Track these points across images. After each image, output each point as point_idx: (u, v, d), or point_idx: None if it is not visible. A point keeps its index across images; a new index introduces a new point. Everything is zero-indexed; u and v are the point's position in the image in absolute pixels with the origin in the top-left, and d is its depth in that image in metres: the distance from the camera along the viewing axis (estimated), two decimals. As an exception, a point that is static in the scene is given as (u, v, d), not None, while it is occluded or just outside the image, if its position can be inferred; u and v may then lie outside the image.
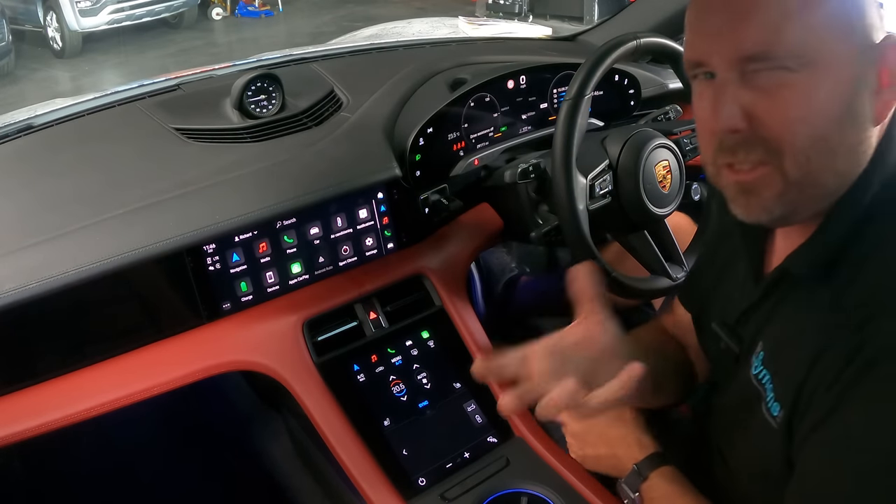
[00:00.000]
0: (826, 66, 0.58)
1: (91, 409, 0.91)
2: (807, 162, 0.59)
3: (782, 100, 0.59)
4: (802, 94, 0.58)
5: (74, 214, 0.91)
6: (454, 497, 0.92)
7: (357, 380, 1.02)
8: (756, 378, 0.68)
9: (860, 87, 0.59)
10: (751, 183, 0.62)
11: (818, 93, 0.58)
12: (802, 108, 0.58)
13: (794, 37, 0.58)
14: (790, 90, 0.58)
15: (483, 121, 1.19)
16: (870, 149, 0.61)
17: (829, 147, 0.59)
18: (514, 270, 1.59)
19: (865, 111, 0.60)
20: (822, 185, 0.61)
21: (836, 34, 0.58)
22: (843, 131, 0.59)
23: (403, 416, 1.00)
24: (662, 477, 0.79)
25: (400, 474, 0.94)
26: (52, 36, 7.86)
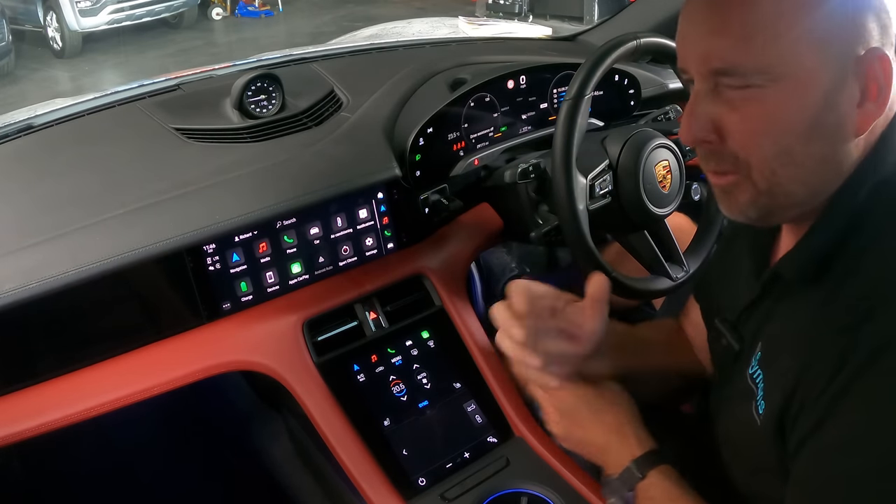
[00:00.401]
0: (794, 82, 0.59)
1: (91, 409, 0.91)
2: (772, 174, 0.62)
3: (748, 115, 0.61)
4: (768, 110, 0.60)
5: (74, 214, 0.91)
6: (454, 497, 0.92)
7: (357, 380, 1.02)
8: (751, 377, 0.68)
9: (834, 100, 0.59)
10: (727, 188, 0.65)
11: (784, 108, 0.60)
12: (766, 122, 0.60)
13: (760, 53, 0.59)
14: (756, 105, 0.60)
15: (483, 121, 1.19)
16: (848, 159, 0.61)
17: (793, 161, 0.61)
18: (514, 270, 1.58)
19: (841, 123, 0.60)
20: (791, 195, 0.63)
21: (806, 50, 0.59)
22: (810, 145, 0.60)
23: (403, 416, 1.00)
24: (662, 475, 0.76)
25: (400, 474, 0.94)
26: (52, 36, 7.86)
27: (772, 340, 0.67)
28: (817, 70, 0.59)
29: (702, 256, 1.13)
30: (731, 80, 0.61)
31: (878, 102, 0.60)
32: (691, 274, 1.11)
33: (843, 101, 0.59)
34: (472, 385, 1.05)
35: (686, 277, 1.10)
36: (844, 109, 0.60)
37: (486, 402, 1.04)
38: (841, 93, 0.59)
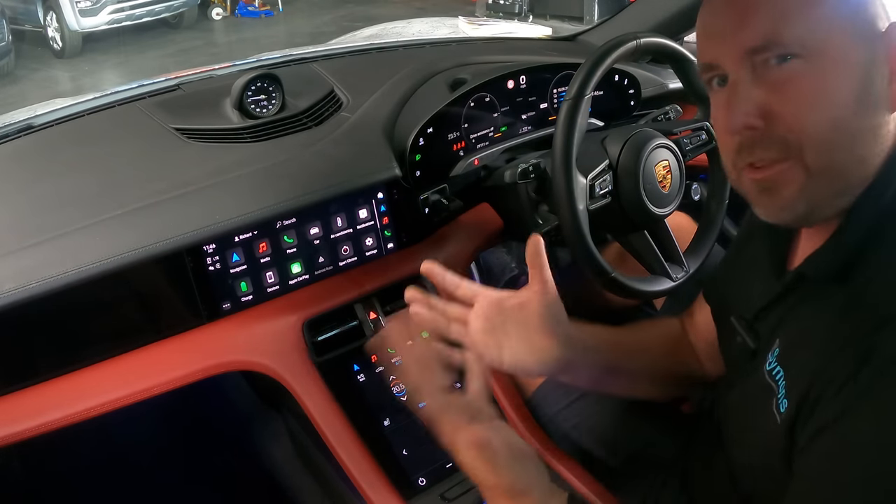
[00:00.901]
0: (833, 54, 0.59)
1: (91, 409, 0.91)
2: (828, 150, 0.60)
3: (795, 91, 0.59)
4: (813, 83, 0.59)
5: (74, 214, 0.91)
6: (454, 497, 0.92)
7: (357, 380, 1.02)
8: (770, 374, 0.68)
9: (871, 73, 0.60)
10: (771, 180, 0.62)
11: (828, 80, 0.59)
12: (815, 96, 0.59)
13: (796, 26, 0.59)
14: (801, 81, 0.59)
15: (483, 121, 1.19)
16: (889, 135, 0.61)
17: (849, 132, 0.60)
18: (514, 270, 1.58)
19: (880, 97, 0.60)
20: (846, 174, 0.61)
21: (838, 23, 0.59)
22: (860, 116, 0.60)
23: (403, 416, 1.00)
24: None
25: (400, 474, 0.94)
26: (52, 36, 7.86)
27: (792, 339, 0.67)
28: (851, 44, 0.59)
29: (702, 256, 1.13)
30: (770, 55, 0.60)
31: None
32: (691, 274, 1.11)
33: (877, 76, 0.60)
34: (472, 385, 1.05)
35: (686, 277, 1.10)
36: (880, 85, 0.60)
37: (486, 402, 1.04)
38: (875, 67, 0.60)
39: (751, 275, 0.79)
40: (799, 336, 0.66)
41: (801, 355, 0.64)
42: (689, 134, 1.12)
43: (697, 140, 1.12)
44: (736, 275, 0.85)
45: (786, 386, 0.65)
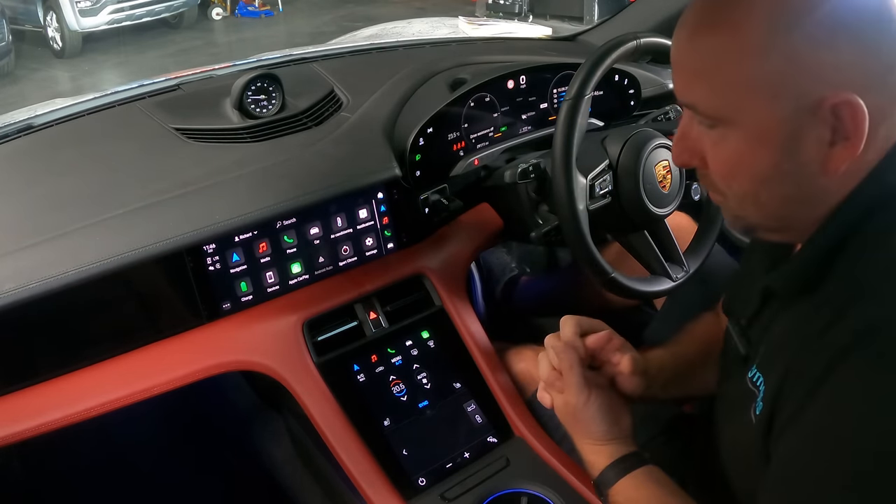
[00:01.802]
0: (751, 129, 0.60)
1: (91, 409, 0.91)
2: (741, 209, 0.66)
3: (718, 155, 0.64)
4: (731, 155, 0.62)
5: (74, 214, 0.91)
6: (454, 497, 0.92)
7: (357, 380, 1.02)
8: (751, 381, 0.69)
9: (795, 147, 0.59)
10: (718, 203, 0.69)
11: (745, 155, 0.61)
12: (732, 166, 0.63)
13: (712, 97, 0.61)
14: (723, 148, 0.63)
15: (483, 121, 1.19)
16: (823, 194, 0.61)
17: (758, 201, 0.63)
18: (514, 270, 1.59)
19: (805, 167, 0.59)
20: (762, 225, 0.66)
21: (756, 97, 0.58)
22: (773, 188, 0.62)
23: (403, 416, 1.00)
24: (643, 477, 0.80)
25: (400, 474, 0.94)
26: (52, 36, 7.86)
27: (770, 346, 0.69)
28: (771, 117, 0.58)
29: (702, 256, 1.13)
30: (698, 117, 0.63)
31: (852, 143, 0.57)
32: (691, 274, 1.11)
33: (806, 146, 0.58)
34: (472, 385, 1.05)
35: (686, 277, 1.10)
36: (809, 154, 0.59)
37: (486, 402, 1.04)
38: (802, 139, 0.58)
39: (749, 283, 0.81)
40: (775, 343, 0.68)
41: (776, 361, 0.66)
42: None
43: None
44: (741, 282, 0.86)
45: (764, 391, 0.66)
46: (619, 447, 0.83)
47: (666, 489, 0.78)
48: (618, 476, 0.80)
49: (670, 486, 0.79)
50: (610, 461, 0.81)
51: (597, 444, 0.84)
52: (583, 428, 0.85)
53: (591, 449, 0.84)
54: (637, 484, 0.79)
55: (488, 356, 1.08)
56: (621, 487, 0.80)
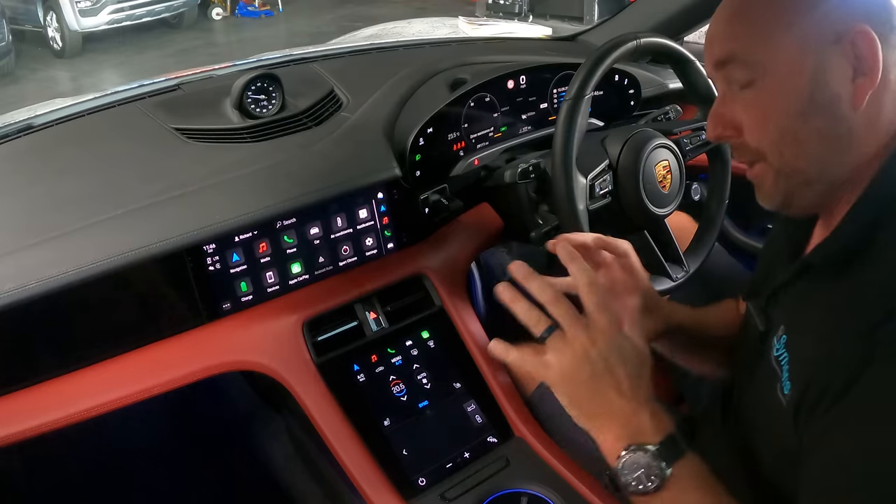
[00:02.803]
0: (782, 69, 0.65)
1: (91, 409, 0.91)
2: (780, 155, 0.68)
3: (752, 107, 0.68)
4: (766, 99, 0.67)
5: (74, 214, 0.91)
6: (454, 497, 0.92)
7: (357, 380, 1.02)
8: (776, 360, 0.69)
9: (823, 79, 0.64)
10: (755, 176, 0.72)
11: (778, 94, 0.66)
12: (767, 110, 0.67)
13: (746, 38, 0.67)
14: (758, 98, 0.67)
15: (483, 121, 1.19)
16: (852, 134, 0.65)
17: (796, 139, 0.66)
18: (514, 270, 1.58)
19: (835, 99, 0.64)
20: (801, 172, 0.68)
21: (782, 38, 0.65)
22: (808, 123, 0.65)
23: (403, 416, 1.00)
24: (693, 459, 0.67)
25: (400, 474, 0.94)
26: (52, 36, 7.87)
27: (797, 326, 0.69)
28: (798, 56, 0.64)
29: (702, 256, 1.13)
30: (733, 72, 0.68)
31: (870, 75, 0.63)
32: (691, 274, 1.11)
33: (832, 79, 0.64)
34: (472, 385, 1.05)
35: (686, 277, 1.10)
36: (836, 87, 0.64)
37: (486, 402, 1.04)
38: (828, 72, 0.63)
39: (772, 263, 0.83)
40: (803, 323, 0.68)
41: (804, 341, 0.66)
42: (689, 134, 1.12)
43: (697, 140, 1.12)
44: (763, 261, 0.89)
45: (789, 370, 0.66)
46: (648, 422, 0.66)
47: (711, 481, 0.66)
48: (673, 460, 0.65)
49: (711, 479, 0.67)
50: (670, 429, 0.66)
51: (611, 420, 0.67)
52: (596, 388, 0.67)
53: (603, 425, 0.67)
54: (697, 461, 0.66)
55: (488, 356, 1.08)
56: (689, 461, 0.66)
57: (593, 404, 0.68)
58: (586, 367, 0.67)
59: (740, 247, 1.46)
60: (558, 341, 0.68)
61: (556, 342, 0.68)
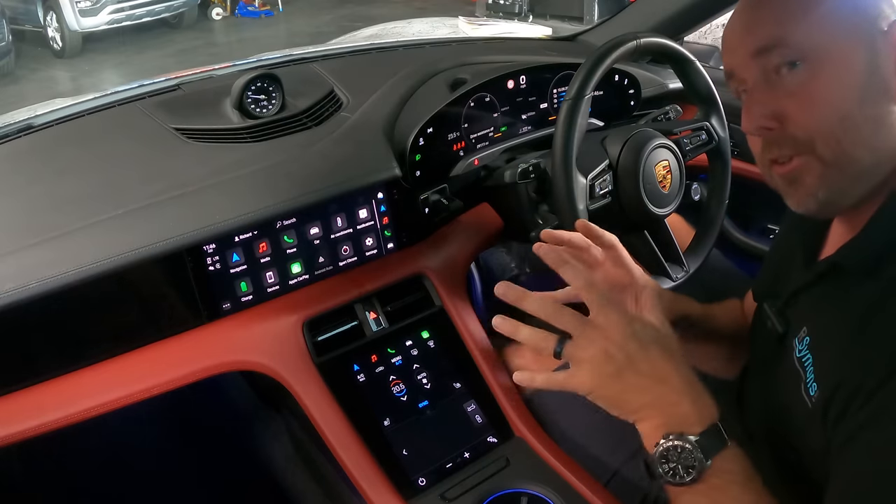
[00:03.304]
0: (836, 55, 0.64)
1: (91, 409, 0.91)
2: (837, 143, 0.64)
3: (803, 95, 0.65)
4: (818, 86, 0.64)
5: (74, 214, 0.91)
6: (454, 497, 0.92)
7: (357, 380, 1.02)
8: (799, 361, 0.69)
9: (873, 67, 0.64)
10: (793, 173, 0.68)
11: (832, 81, 0.64)
12: (821, 97, 0.64)
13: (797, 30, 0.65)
14: (808, 85, 0.65)
15: (483, 121, 1.19)
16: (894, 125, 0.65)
17: (855, 124, 0.64)
18: (514, 270, 1.58)
19: (886, 86, 0.64)
20: (858, 161, 0.65)
21: (838, 26, 0.64)
22: (865, 108, 0.64)
23: (403, 416, 1.00)
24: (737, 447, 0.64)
25: (400, 474, 0.94)
26: (52, 36, 7.86)
27: (822, 328, 0.68)
28: (852, 45, 0.64)
29: (702, 256, 1.13)
30: (776, 59, 0.65)
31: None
32: (691, 274, 1.11)
33: (882, 67, 0.64)
34: (472, 385, 1.05)
35: (686, 277, 1.10)
36: (885, 74, 0.64)
37: (486, 402, 1.04)
38: (878, 60, 0.64)
39: (785, 265, 0.82)
40: (829, 325, 0.67)
41: (831, 343, 0.66)
42: (689, 134, 1.12)
43: (697, 140, 1.12)
44: (775, 263, 0.87)
45: (814, 372, 0.66)
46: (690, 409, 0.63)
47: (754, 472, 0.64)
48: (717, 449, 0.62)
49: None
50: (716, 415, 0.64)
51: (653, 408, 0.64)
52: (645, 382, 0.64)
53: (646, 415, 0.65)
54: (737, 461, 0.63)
55: (488, 356, 1.08)
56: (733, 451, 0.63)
57: (631, 398, 0.65)
58: (609, 365, 0.65)
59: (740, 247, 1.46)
60: (574, 350, 0.66)
61: (571, 352, 0.66)
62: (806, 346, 0.69)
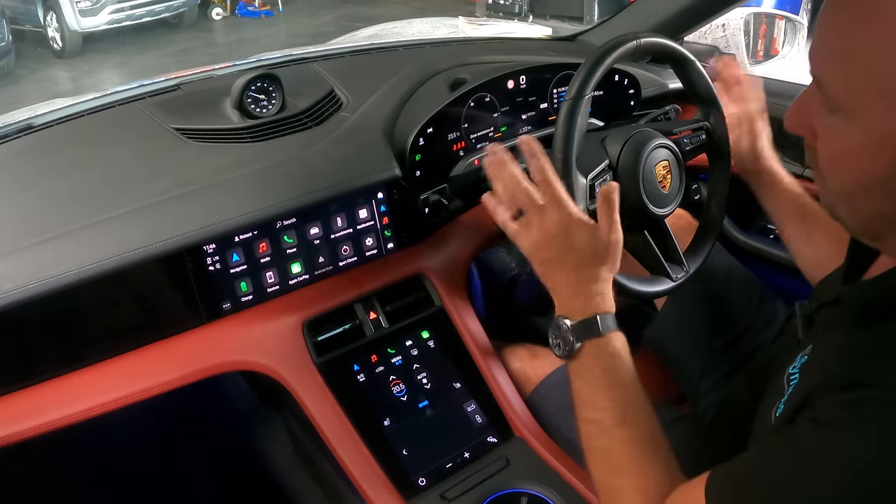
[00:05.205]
0: (867, 127, 0.55)
1: (91, 409, 0.91)
2: (834, 201, 0.61)
3: (829, 144, 0.59)
4: (842, 147, 0.57)
5: (74, 214, 0.91)
6: (454, 497, 0.92)
7: (357, 380, 1.02)
8: (788, 376, 0.68)
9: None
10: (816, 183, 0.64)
11: (855, 153, 0.56)
12: (838, 159, 0.58)
13: (833, 78, 0.56)
14: (835, 137, 0.58)
15: (483, 121, 1.19)
16: None
17: (853, 205, 0.59)
18: (514, 270, 1.59)
19: None
20: (844, 224, 0.62)
21: (878, 87, 0.53)
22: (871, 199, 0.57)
23: (403, 416, 1.00)
24: (619, 339, 0.78)
25: (400, 474, 0.94)
26: (52, 36, 7.87)
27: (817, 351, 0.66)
28: (892, 123, 0.53)
29: (702, 256, 1.13)
30: (820, 94, 0.58)
31: None
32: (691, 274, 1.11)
33: None
34: (472, 385, 1.05)
35: (686, 277, 1.10)
36: None
37: (486, 402, 1.04)
38: None
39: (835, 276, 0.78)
40: (823, 352, 0.65)
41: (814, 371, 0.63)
42: (689, 134, 1.12)
43: (697, 140, 1.12)
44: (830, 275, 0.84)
45: (790, 394, 0.65)
46: (579, 303, 0.78)
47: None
48: (613, 328, 0.78)
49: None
50: (610, 310, 0.79)
51: (557, 294, 0.80)
52: (578, 256, 0.80)
53: (555, 296, 0.80)
54: (622, 343, 0.78)
55: (488, 356, 1.08)
56: (613, 338, 0.77)
57: (548, 278, 0.82)
58: (540, 251, 0.81)
59: (740, 247, 1.46)
60: (519, 227, 0.83)
61: (516, 228, 0.83)
62: (800, 365, 0.67)
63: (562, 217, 0.80)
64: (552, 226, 0.80)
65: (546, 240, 0.80)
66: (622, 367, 0.76)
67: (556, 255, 0.80)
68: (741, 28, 3.15)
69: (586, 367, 0.77)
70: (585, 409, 0.76)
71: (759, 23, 3.67)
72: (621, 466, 0.71)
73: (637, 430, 0.72)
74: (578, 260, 0.80)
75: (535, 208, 0.81)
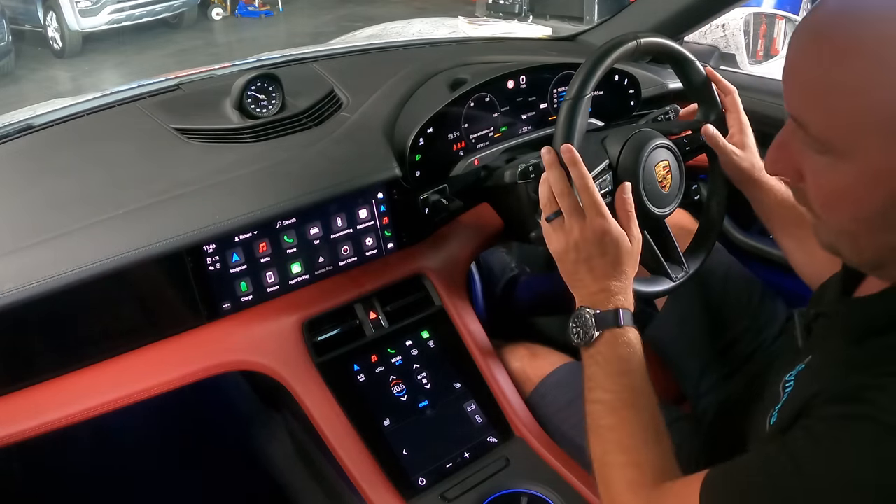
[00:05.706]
0: (861, 164, 0.54)
1: (91, 409, 0.91)
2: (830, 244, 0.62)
3: (821, 184, 0.58)
4: (837, 187, 0.56)
5: (74, 214, 0.91)
6: (454, 497, 0.92)
7: (357, 380, 1.02)
8: (784, 384, 0.68)
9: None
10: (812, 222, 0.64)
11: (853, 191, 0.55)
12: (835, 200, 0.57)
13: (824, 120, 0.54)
14: (829, 177, 0.56)
15: (483, 121, 1.19)
16: None
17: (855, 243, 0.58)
18: (514, 270, 1.59)
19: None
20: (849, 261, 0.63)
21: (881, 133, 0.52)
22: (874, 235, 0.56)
23: (403, 416, 1.00)
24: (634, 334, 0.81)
25: (400, 474, 0.94)
26: (52, 36, 7.87)
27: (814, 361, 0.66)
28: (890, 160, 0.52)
29: (702, 256, 1.13)
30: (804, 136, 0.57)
31: None
32: (691, 274, 1.11)
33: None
34: (472, 385, 1.05)
35: (686, 277, 1.10)
36: None
37: (486, 402, 1.04)
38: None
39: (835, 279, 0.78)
40: (821, 361, 0.65)
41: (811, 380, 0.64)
42: (689, 134, 1.12)
43: (697, 140, 1.12)
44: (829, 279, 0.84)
45: (784, 402, 0.65)
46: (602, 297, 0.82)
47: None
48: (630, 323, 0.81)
49: None
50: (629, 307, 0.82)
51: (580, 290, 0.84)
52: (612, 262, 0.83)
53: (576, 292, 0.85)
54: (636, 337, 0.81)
55: (488, 356, 1.08)
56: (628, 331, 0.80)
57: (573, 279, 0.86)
58: (572, 253, 0.85)
59: (740, 247, 1.46)
60: (554, 229, 0.87)
61: (551, 229, 0.88)
62: (796, 374, 0.67)
63: (601, 224, 0.84)
64: (590, 232, 0.84)
65: (581, 243, 0.84)
66: (635, 358, 0.79)
67: (587, 258, 0.84)
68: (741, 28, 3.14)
69: (601, 353, 0.80)
70: (596, 391, 0.78)
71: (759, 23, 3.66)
72: (620, 442, 0.73)
73: (642, 416, 0.74)
74: (607, 263, 0.84)
75: (577, 213, 0.85)
